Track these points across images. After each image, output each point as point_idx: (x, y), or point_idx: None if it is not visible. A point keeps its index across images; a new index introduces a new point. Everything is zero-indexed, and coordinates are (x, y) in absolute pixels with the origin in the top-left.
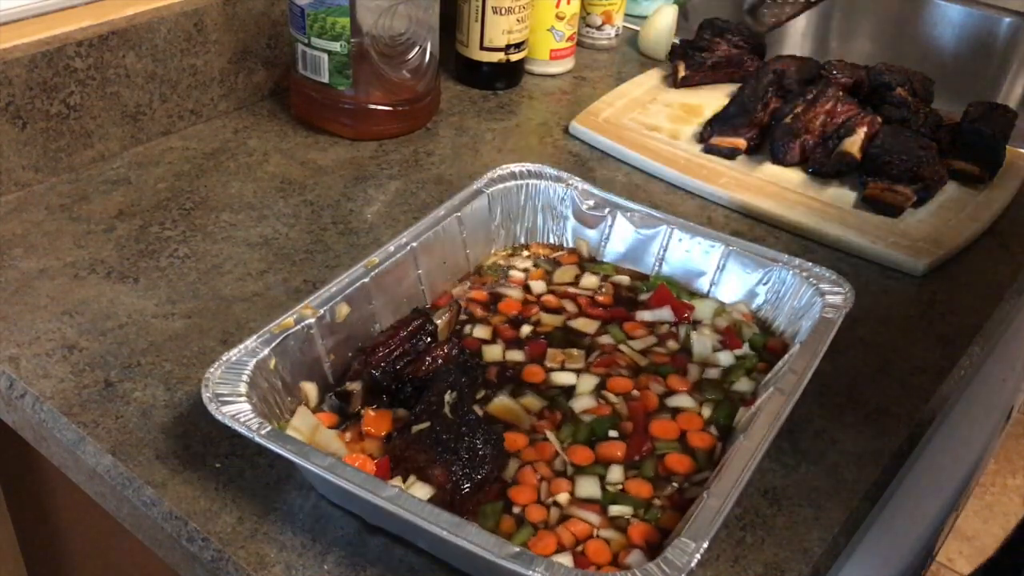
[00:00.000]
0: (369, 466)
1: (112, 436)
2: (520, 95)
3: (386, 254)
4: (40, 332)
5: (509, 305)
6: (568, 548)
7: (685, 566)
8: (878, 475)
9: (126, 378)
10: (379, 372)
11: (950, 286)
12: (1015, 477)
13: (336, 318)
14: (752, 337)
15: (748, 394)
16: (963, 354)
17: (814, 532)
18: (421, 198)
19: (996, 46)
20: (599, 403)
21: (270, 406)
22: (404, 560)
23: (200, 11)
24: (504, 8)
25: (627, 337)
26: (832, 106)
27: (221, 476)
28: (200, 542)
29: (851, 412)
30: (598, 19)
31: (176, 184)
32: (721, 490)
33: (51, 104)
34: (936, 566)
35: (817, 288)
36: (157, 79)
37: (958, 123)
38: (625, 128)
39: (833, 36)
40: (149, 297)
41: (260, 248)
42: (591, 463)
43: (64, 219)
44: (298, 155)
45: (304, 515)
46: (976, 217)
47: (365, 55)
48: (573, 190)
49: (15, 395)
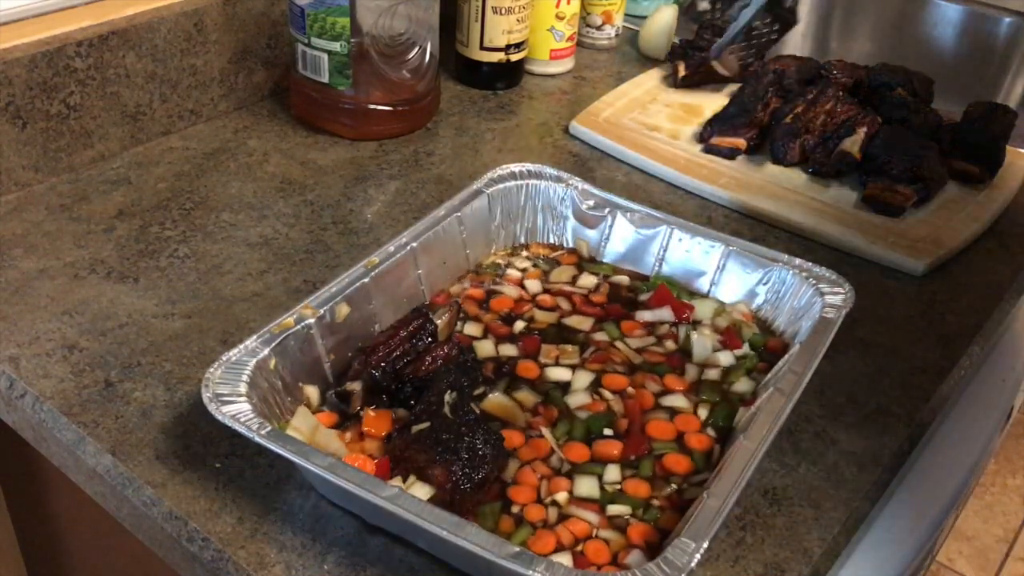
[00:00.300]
0: (369, 466)
1: (112, 436)
2: (520, 95)
3: (386, 254)
4: (40, 332)
5: (503, 302)
6: (567, 547)
7: (685, 566)
8: (878, 475)
9: (126, 378)
10: (379, 372)
11: (950, 286)
12: (1015, 477)
13: (336, 318)
14: (752, 337)
15: (748, 394)
16: (963, 354)
17: (814, 532)
18: (421, 198)
19: (996, 46)
20: (594, 399)
21: (270, 406)
22: (404, 560)
23: (200, 11)
24: (504, 8)
25: (622, 335)
26: (832, 106)
27: (221, 476)
28: (200, 542)
29: (851, 412)
30: (598, 19)
31: (176, 184)
32: (721, 490)
33: (51, 104)
34: (936, 566)
35: (817, 288)
36: (157, 79)
37: (958, 123)
38: (625, 128)
39: (833, 36)
40: (149, 297)
41: (260, 248)
42: (588, 461)
43: (64, 219)
44: (298, 155)
45: (304, 515)
46: (976, 217)
47: (365, 55)
48: (573, 190)
49: (15, 395)
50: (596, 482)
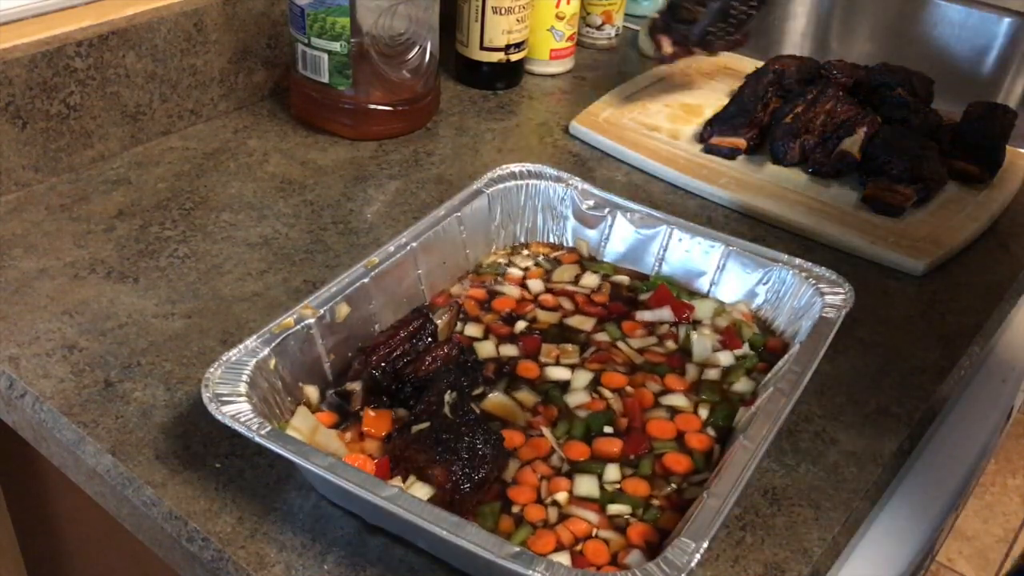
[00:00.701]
0: (369, 466)
1: (112, 436)
2: (520, 95)
3: (386, 254)
4: (40, 332)
5: (504, 303)
6: (567, 547)
7: (685, 566)
8: (878, 475)
9: (126, 378)
10: (379, 372)
11: (950, 286)
12: (1015, 477)
13: (336, 318)
14: (752, 337)
15: (748, 394)
16: (963, 354)
17: (814, 532)
18: (421, 198)
19: (996, 46)
20: (593, 398)
21: (270, 406)
22: (404, 560)
23: (200, 11)
24: (504, 8)
25: (624, 336)
26: (832, 106)
27: (221, 476)
28: (200, 542)
29: (851, 412)
30: (598, 19)
31: (176, 184)
32: (721, 490)
33: (51, 104)
34: (936, 566)
35: (817, 288)
36: (157, 79)
37: (958, 123)
38: (625, 128)
39: (833, 36)
40: (149, 297)
41: (260, 248)
42: (588, 460)
43: (64, 219)
44: (298, 155)
45: (304, 515)
46: (976, 217)
47: (365, 55)
48: (573, 190)
49: (15, 395)
50: (596, 482)
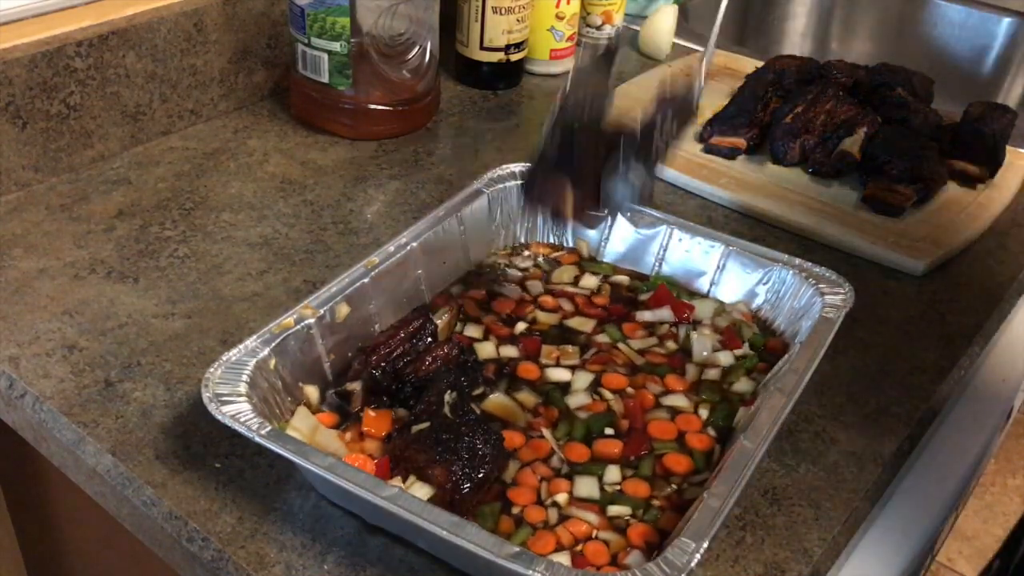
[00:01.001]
0: (369, 466)
1: (112, 436)
2: (520, 95)
3: (386, 254)
4: (40, 332)
5: (505, 304)
6: (567, 548)
7: (685, 566)
8: (878, 475)
9: (126, 378)
10: (379, 372)
11: (950, 286)
12: (1015, 477)
13: (336, 318)
14: (752, 337)
15: (748, 394)
16: (963, 354)
17: (814, 532)
18: (421, 198)
19: (996, 46)
20: (594, 399)
21: (270, 406)
22: (404, 560)
23: (200, 11)
24: (504, 8)
25: (624, 337)
26: (832, 106)
27: (221, 476)
28: (200, 542)
29: (851, 412)
30: (598, 19)
31: (176, 184)
32: (721, 490)
33: (51, 104)
34: (936, 566)
35: (817, 288)
36: (157, 79)
37: (958, 123)
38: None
39: (833, 36)
40: (149, 297)
41: (260, 248)
42: (588, 461)
43: (64, 219)
44: (298, 155)
45: (304, 515)
46: (976, 217)
47: (365, 55)
48: None
49: (15, 395)
50: (596, 483)
